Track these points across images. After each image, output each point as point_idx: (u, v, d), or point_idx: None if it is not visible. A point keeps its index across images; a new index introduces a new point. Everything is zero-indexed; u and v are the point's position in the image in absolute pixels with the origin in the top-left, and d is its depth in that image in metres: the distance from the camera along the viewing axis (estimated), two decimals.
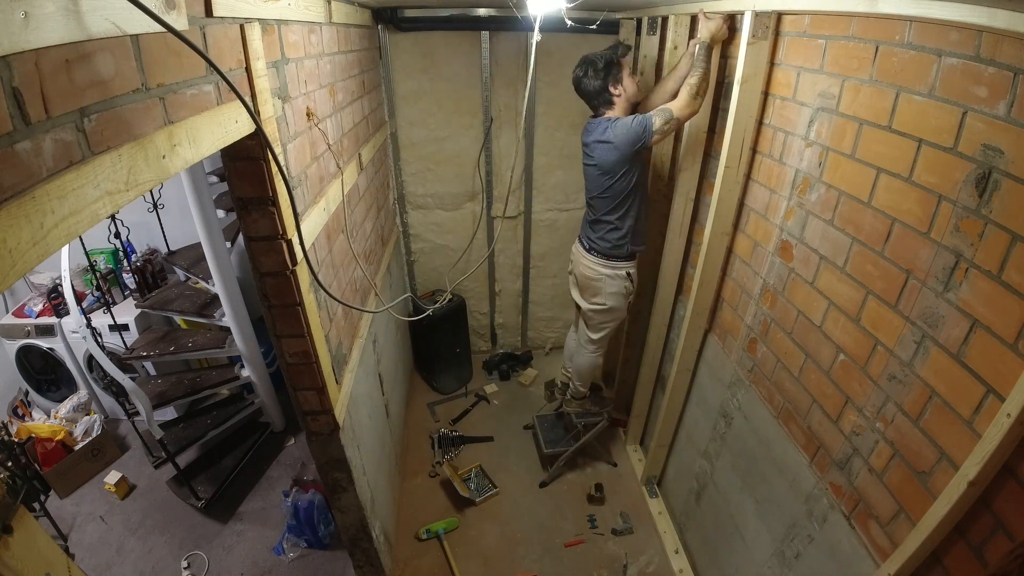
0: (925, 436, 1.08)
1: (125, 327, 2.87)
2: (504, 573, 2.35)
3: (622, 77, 2.00)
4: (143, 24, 0.71)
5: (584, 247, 2.29)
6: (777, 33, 1.57)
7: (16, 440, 2.66)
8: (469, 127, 2.97)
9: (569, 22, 1.79)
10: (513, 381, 3.58)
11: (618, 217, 2.12)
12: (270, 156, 1.09)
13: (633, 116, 1.96)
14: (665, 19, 2.22)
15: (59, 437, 2.79)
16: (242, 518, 2.64)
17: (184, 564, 2.40)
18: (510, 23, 2.62)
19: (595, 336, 2.45)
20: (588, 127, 2.12)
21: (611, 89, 2.00)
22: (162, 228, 3.13)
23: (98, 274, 2.88)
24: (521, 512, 2.63)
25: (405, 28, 2.64)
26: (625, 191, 2.06)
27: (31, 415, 3.10)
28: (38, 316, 2.93)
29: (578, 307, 2.52)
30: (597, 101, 2.04)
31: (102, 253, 3.12)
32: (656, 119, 1.89)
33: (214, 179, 2.58)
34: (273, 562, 2.42)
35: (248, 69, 1.07)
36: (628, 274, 2.24)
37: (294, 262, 1.27)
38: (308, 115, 1.47)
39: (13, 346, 2.98)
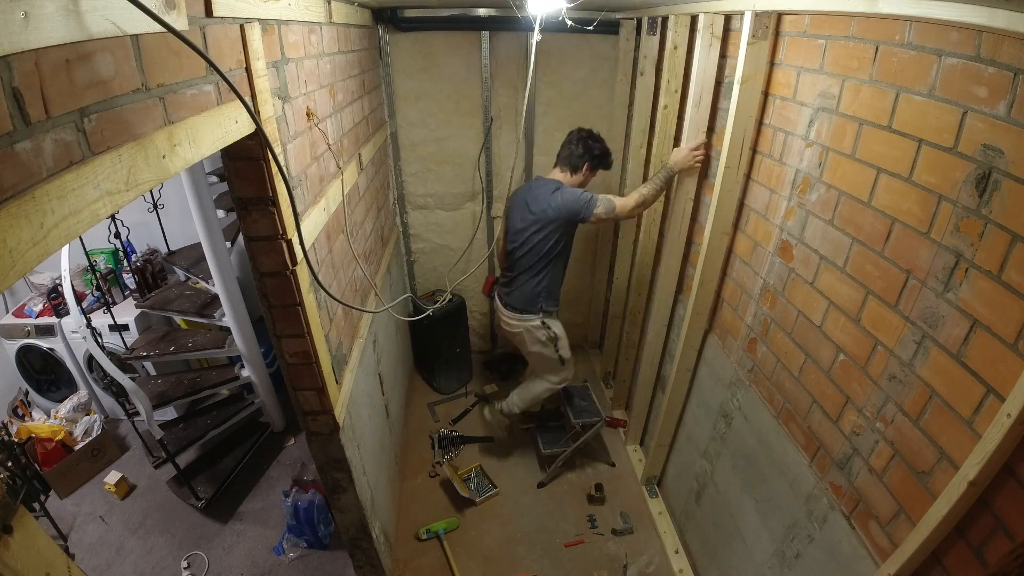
0: (925, 436, 1.08)
1: (125, 327, 2.87)
2: (504, 573, 2.35)
3: (587, 173, 2.25)
4: (143, 24, 0.71)
5: (502, 304, 2.48)
6: (777, 33, 1.57)
7: (16, 440, 2.66)
8: (469, 127, 2.97)
9: (569, 22, 1.79)
10: (513, 381, 3.58)
11: (535, 275, 2.28)
12: (270, 156, 1.09)
13: (582, 191, 2.13)
14: (665, 19, 2.22)
15: (59, 437, 2.79)
16: (242, 518, 2.64)
17: (184, 564, 2.40)
18: (510, 23, 2.62)
19: (548, 377, 2.58)
20: (533, 184, 2.30)
21: (581, 166, 2.21)
22: (162, 228, 3.13)
23: (98, 274, 2.88)
24: (521, 512, 2.63)
25: (405, 28, 2.64)
26: (549, 252, 2.22)
27: (31, 415, 3.10)
28: (38, 316, 2.93)
29: None
30: (566, 161, 2.23)
31: (102, 253, 3.12)
32: (600, 207, 2.09)
33: (214, 179, 2.58)
34: (273, 562, 2.42)
35: (248, 69, 1.07)
36: (543, 323, 2.37)
37: (294, 262, 1.27)
38: (308, 115, 1.47)
39: (13, 346, 2.98)
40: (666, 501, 2.60)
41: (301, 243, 1.26)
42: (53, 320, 2.91)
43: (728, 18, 1.81)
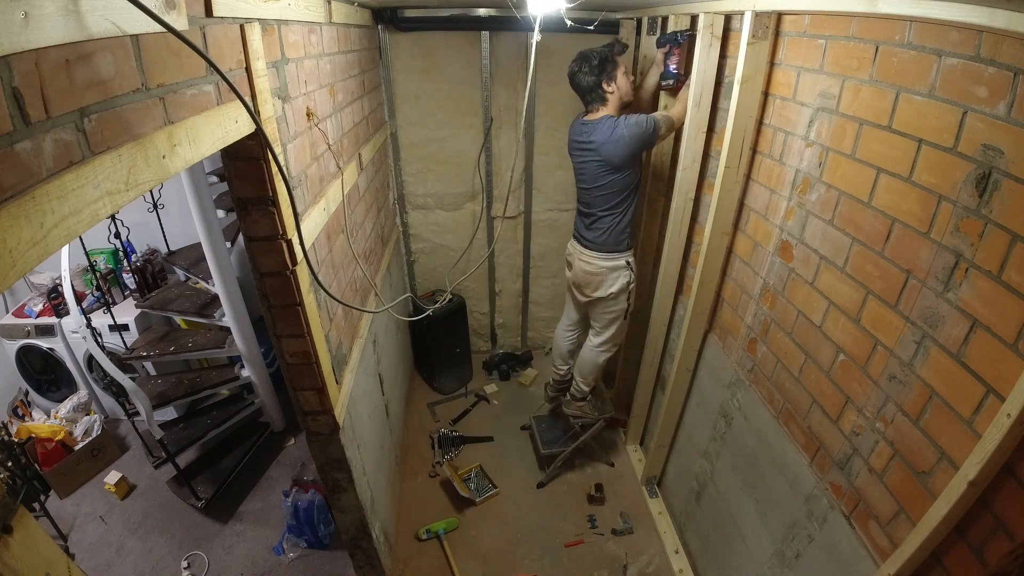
0: (925, 436, 1.08)
1: (125, 327, 2.87)
2: (504, 573, 2.35)
3: (616, 75, 2.04)
4: (143, 24, 0.71)
5: (582, 244, 2.31)
6: (777, 33, 1.57)
7: (16, 440, 2.66)
8: (469, 127, 2.97)
9: (569, 22, 1.79)
10: (513, 381, 3.58)
11: (621, 211, 2.17)
12: (270, 156, 1.09)
13: (642, 116, 2.01)
14: (665, 19, 2.22)
15: (59, 437, 2.79)
16: (242, 518, 2.64)
17: (184, 564, 2.40)
18: (510, 23, 2.62)
19: (603, 334, 2.44)
20: (586, 126, 2.12)
21: (604, 86, 2.04)
22: (162, 228, 3.13)
23: (98, 274, 2.88)
24: (521, 512, 2.63)
25: (405, 28, 2.64)
26: (629, 186, 2.13)
27: (31, 415, 3.10)
28: (38, 316, 2.93)
29: (575, 306, 2.55)
30: (590, 96, 2.09)
31: (102, 253, 3.12)
32: (662, 125, 2.00)
33: (214, 179, 2.58)
34: (273, 562, 2.42)
35: (248, 69, 1.07)
36: (628, 263, 2.27)
37: (294, 262, 1.27)
38: (308, 115, 1.47)
39: (13, 346, 2.98)
40: (666, 501, 2.60)
41: (301, 243, 1.26)
42: (53, 320, 2.91)
43: (728, 18, 1.81)
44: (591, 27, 2.36)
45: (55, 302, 2.93)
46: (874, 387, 1.23)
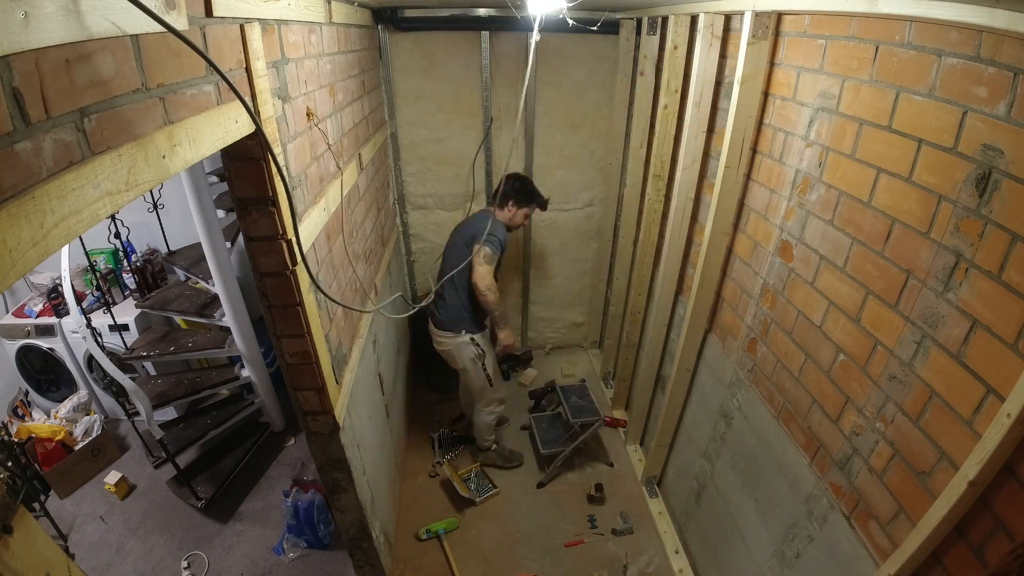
0: (925, 436, 1.08)
1: (125, 327, 2.87)
2: (504, 573, 2.35)
3: (521, 209, 2.48)
4: (143, 24, 0.71)
5: (433, 324, 2.57)
6: (777, 33, 1.57)
7: (16, 440, 2.66)
8: (469, 127, 2.97)
9: (571, 21, 1.79)
10: (513, 381, 3.58)
11: (459, 290, 2.41)
12: (270, 156, 1.09)
13: (493, 231, 2.29)
14: (665, 19, 2.22)
15: (59, 437, 2.79)
16: (242, 518, 2.64)
17: (184, 564, 2.40)
18: (510, 23, 2.62)
19: (479, 400, 2.65)
20: (474, 219, 2.50)
21: (508, 205, 2.45)
22: (162, 228, 3.13)
23: (98, 274, 2.87)
24: (521, 512, 2.63)
25: (405, 28, 2.64)
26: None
27: (31, 415, 3.10)
28: (38, 316, 2.93)
29: None
30: (496, 199, 2.41)
31: (102, 253, 3.12)
32: (486, 250, 2.27)
33: (214, 179, 2.58)
34: (273, 562, 2.42)
35: (248, 69, 1.07)
36: (472, 339, 2.48)
37: (294, 262, 1.27)
38: (308, 115, 1.47)
39: (13, 346, 2.98)
40: (666, 501, 2.60)
41: (300, 243, 1.26)
42: (53, 320, 2.91)
43: (728, 18, 1.81)
44: (594, 28, 2.37)
45: (55, 302, 2.93)
46: (874, 387, 1.23)
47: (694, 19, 1.98)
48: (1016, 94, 0.88)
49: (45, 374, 3.17)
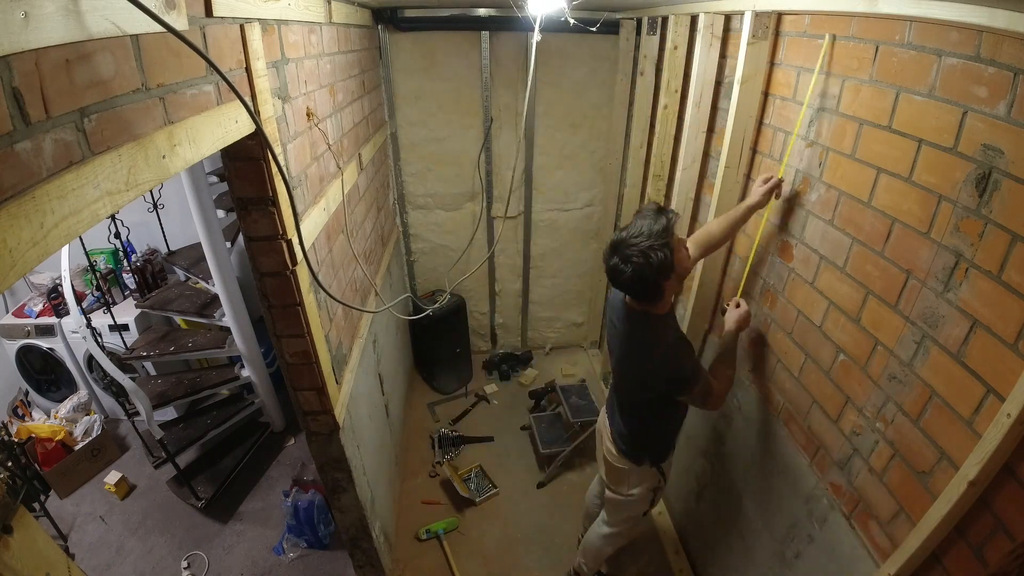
0: (925, 436, 1.08)
1: (125, 327, 2.87)
2: (504, 573, 2.35)
3: (679, 256, 1.40)
4: (143, 24, 0.71)
5: (609, 433, 1.83)
6: (777, 33, 1.57)
7: (16, 440, 2.66)
8: (469, 127, 2.97)
9: (572, 21, 1.79)
10: (513, 381, 3.58)
11: (640, 421, 1.70)
12: (270, 156, 1.09)
13: (683, 365, 1.47)
14: (665, 19, 2.22)
15: (59, 437, 2.79)
16: (242, 518, 2.64)
17: (184, 564, 2.40)
18: (510, 23, 2.62)
19: (611, 527, 2.01)
20: (624, 314, 1.55)
21: (662, 293, 1.43)
22: (162, 228, 3.13)
23: (98, 274, 2.87)
24: (521, 512, 2.63)
25: (405, 28, 2.64)
26: (651, 406, 1.66)
27: (31, 415, 3.10)
28: (38, 316, 2.93)
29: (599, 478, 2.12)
30: (638, 294, 1.45)
31: (102, 253, 3.12)
32: (699, 384, 1.48)
33: (214, 179, 2.58)
34: (273, 562, 2.42)
35: (248, 69, 1.07)
36: (659, 468, 1.79)
37: (294, 262, 1.27)
38: (308, 115, 1.47)
39: (13, 346, 2.98)
40: (666, 501, 2.60)
41: (301, 243, 1.26)
42: (53, 320, 2.91)
43: (728, 18, 1.81)
44: (594, 28, 2.37)
45: (55, 302, 2.93)
46: (874, 387, 1.23)
47: (694, 19, 1.98)
48: (1016, 94, 0.88)
49: (45, 374, 3.17)
